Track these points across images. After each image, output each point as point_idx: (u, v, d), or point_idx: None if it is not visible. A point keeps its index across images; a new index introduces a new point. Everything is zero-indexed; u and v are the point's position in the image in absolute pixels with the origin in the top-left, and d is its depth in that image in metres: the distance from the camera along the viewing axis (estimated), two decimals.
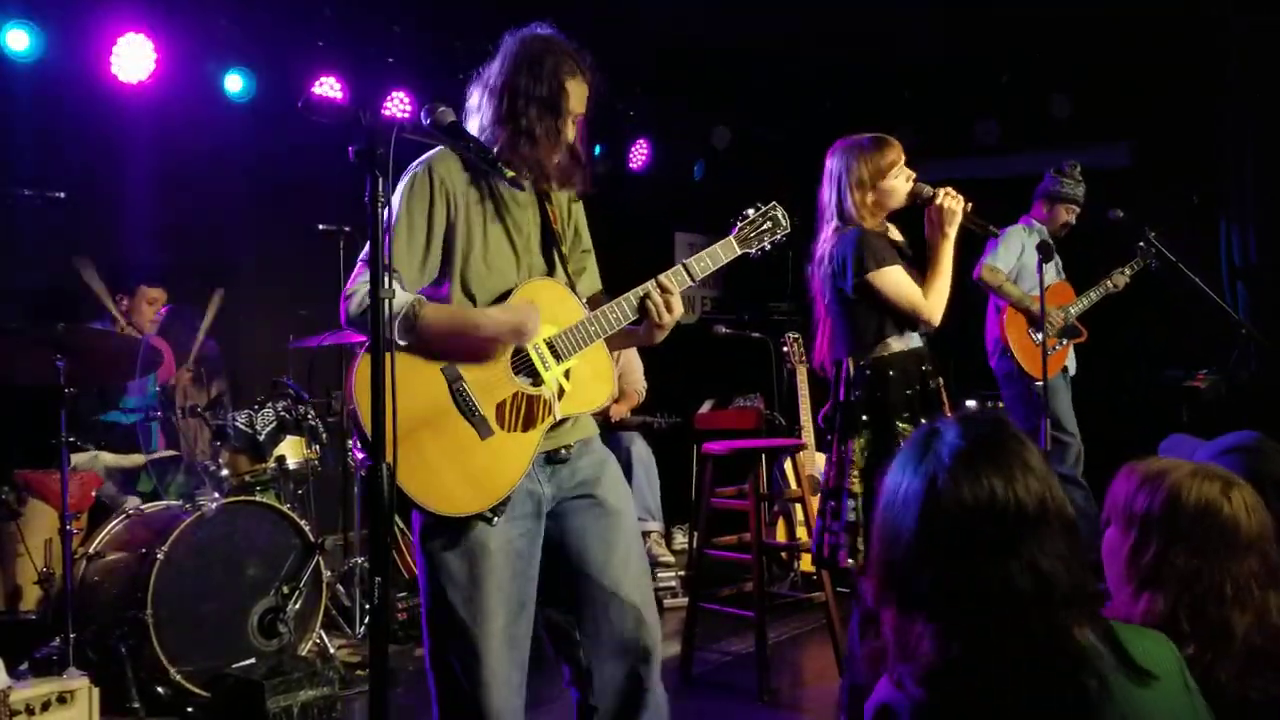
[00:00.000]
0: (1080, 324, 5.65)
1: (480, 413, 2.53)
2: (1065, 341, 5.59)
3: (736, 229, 2.88)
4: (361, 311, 2.46)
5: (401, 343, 2.47)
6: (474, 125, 2.71)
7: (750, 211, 2.90)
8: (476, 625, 2.50)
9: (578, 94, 2.71)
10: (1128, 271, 5.66)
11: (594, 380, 2.68)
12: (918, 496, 1.50)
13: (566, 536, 2.64)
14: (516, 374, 2.58)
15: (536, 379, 2.59)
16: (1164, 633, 1.64)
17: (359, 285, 2.50)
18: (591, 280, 2.87)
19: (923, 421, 3.42)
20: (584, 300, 2.75)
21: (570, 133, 2.70)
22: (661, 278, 2.68)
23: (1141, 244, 5.67)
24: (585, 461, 2.69)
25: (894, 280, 3.45)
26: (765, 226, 2.89)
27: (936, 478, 1.49)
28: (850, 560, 3.43)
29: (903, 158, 3.54)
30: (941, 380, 3.53)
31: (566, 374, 2.63)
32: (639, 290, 2.66)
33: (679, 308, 2.68)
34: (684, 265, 2.75)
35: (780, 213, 2.90)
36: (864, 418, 3.46)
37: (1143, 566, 1.78)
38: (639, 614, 2.64)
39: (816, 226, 3.68)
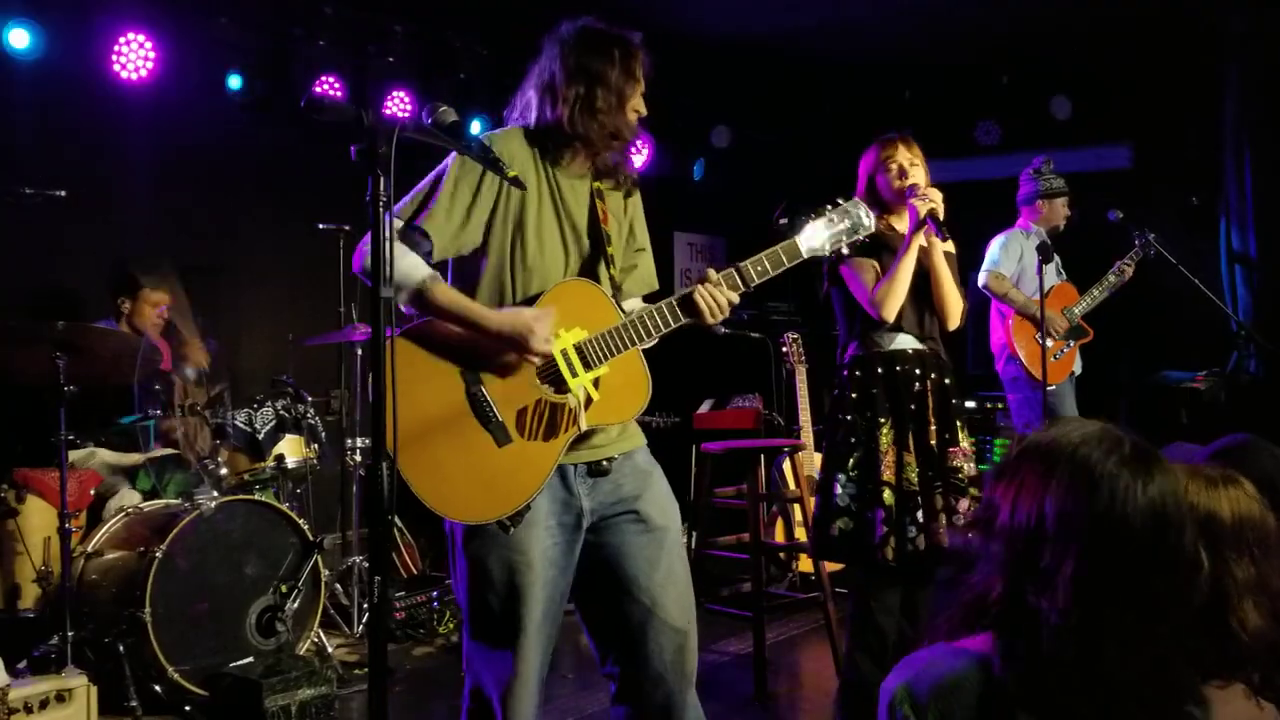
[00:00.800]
0: (1086, 324, 5.62)
1: (498, 419, 2.43)
2: (1072, 344, 5.56)
3: (806, 229, 2.67)
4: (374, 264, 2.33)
5: (402, 308, 2.42)
6: (528, 111, 2.68)
7: (828, 208, 2.71)
8: (515, 636, 2.46)
9: (637, 89, 2.66)
10: (1132, 260, 5.62)
11: (626, 390, 2.53)
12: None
13: (607, 553, 2.56)
14: (541, 380, 2.47)
15: (562, 386, 2.46)
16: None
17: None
18: (641, 279, 2.77)
19: (881, 420, 3.40)
20: (628, 298, 2.67)
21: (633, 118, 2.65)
22: (710, 275, 2.55)
23: (1138, 232, 5.63)
24: (629, 475, 2.58)
25: (852, 273, 3.46)
26: (843, 226, 2.71)
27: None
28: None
29: (896, 151, 3.53)
30: (933, 383, 3.46)
31: (596, 382, 2.49)
32: (680, 294, 2.54)
33: (728, 300, 2.55)
34: (737, 268, 2.59)
35: (862, 210, 2.72)
36: (838, 415, 3.48)
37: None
38: (680, 638, 2.61)
39: None
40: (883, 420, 3.40)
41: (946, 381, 3.48)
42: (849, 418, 3.44)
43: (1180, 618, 1.43)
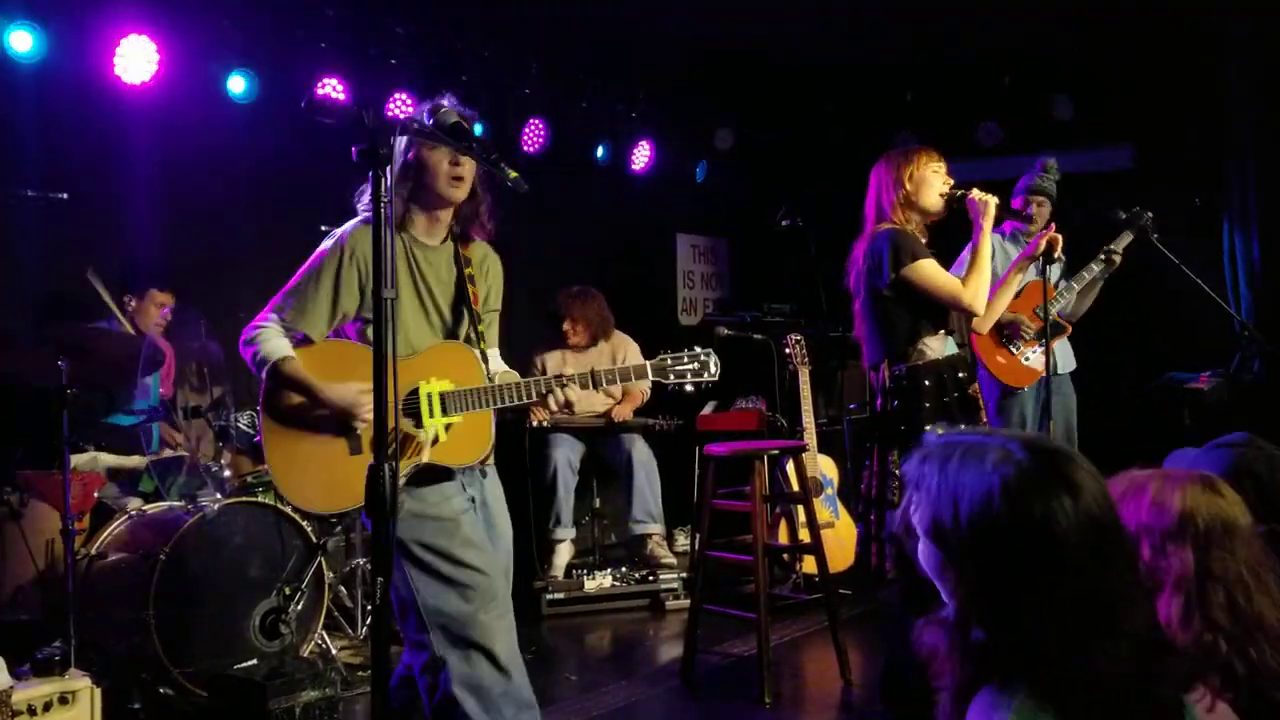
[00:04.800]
0: (1063, 319, 5.33)
1: (357, 432, 2.92)
2: (1043, 344, 5.11)
3: (657, 358, 3.10)
4: (246, 352, 2.95)
5: (262, 378, 2.93)
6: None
7: (684, 351, 3.11)
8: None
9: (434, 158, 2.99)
10: (1120, 245, 5.23)
11: (469, 439, 3.02)
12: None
13: None
14: (405, 414, 2.93)
15: (419, 422, 2.94)
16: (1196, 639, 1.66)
17: (257, 334, 2.95)
18: (490, 336, 3.23)
19: (962, 428, 3.42)
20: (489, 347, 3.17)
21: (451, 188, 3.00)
22: (564, 378, 3.00)
23: (1125, 214, 5.28)
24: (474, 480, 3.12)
25: (929, 272, 3.47)
26: (690, 366, 3.10)
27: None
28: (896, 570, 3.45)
29: (940, 161, 3.58)
30: (976, 385, 3.55)
31: (448, 427, 2.97)
32: (541, 381, 2.99)
33: (575, 399, 3.03)
34: (592, 372, 3.03)
35: (713, 361, 3.11)
36: (901, 428, 3.47)
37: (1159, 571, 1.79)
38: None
39: (860, 230, 3.72)
40: (963, 429, 3.40)
41: (976, 384, 3.56)
42: (927, 428, 3.41)
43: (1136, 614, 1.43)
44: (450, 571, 2.89)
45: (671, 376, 3.09)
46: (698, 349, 3.11)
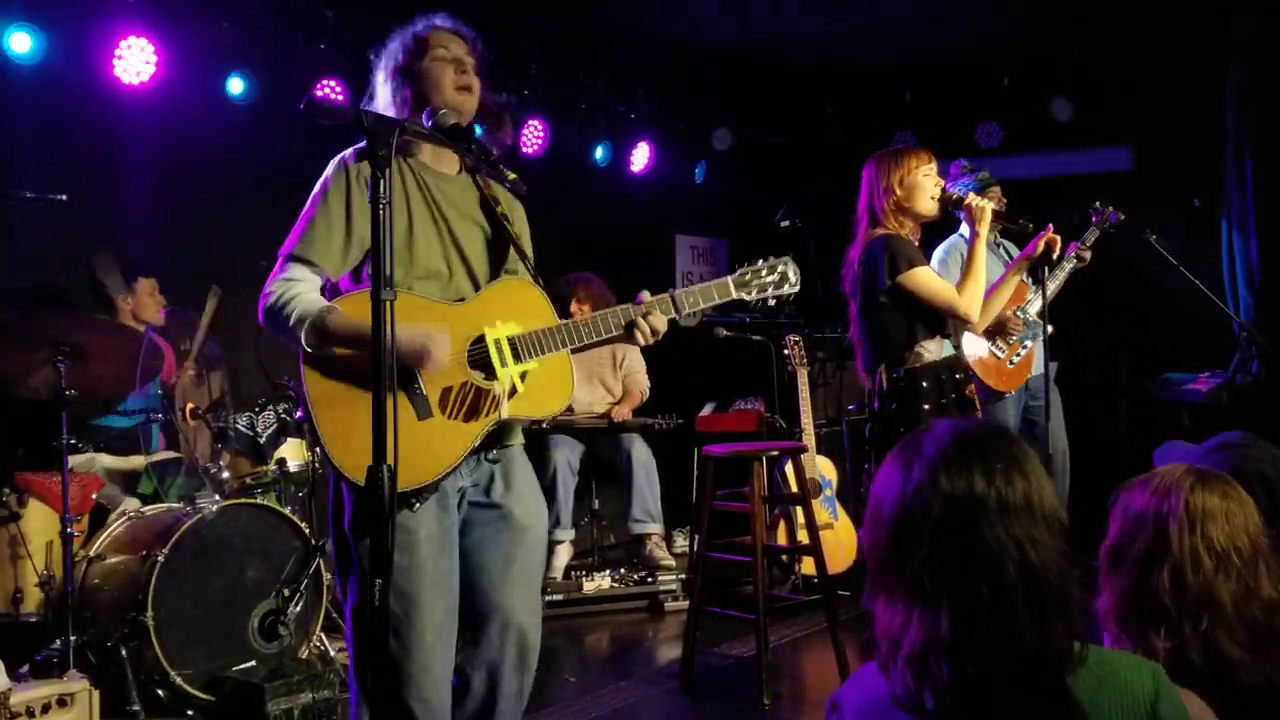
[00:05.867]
0: (1043, 318, 5.38)
1: (422, 391, 2.49)
2: (1029, 344, 5.21)
3: (737, 272, 2.80)
4: (272, 314, 2.51)
5: (308, 349, 2.47)
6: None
7: (760, 261, 2.83)
8: (410, 620, 2.46)
9: (434, 67, 2.68)
10: (1089, 241, 5.22)
11: (550, 388, 2.63)
12: (913, 483, 1.53)
13: (466, 543, 2.63)
14: (471, 365, 2.55)
15: (490, 374, 2.55)
16: (1142, 616, 1.69)
17: (284, 291, 2.53)
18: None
19: None
20: None
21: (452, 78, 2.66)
22: (648, 304, 2.66)
23: (1095, 206, 5.27)
24: (500, 470, 2.68)
25: (925, 280, 3.46)
26: (770, 279, 2.81)
27: (934, 467, 1.52)
28: None
29: (930, 163, 3.57)
30: (972, 386, 3.56)
31: (523, 375, 2.58)
32: (619, 312, 2.65)
33: (662, 328, 2.67)
34: (671, 296, 2.70)
35: (791, 270, 2.83)
36: (900, 430, 3.47)
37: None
38: (521, 635, 2.66)
39: (854, 233, 3.72)
40: None
41: (972, 384, 3.57)
42: (902, 429, 3.44)
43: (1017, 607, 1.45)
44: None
45: (754, 291, 2.79)
46: (772, 258, 2.83)
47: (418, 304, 2.52)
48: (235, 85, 5.58)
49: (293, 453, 4.78)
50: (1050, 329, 5.24)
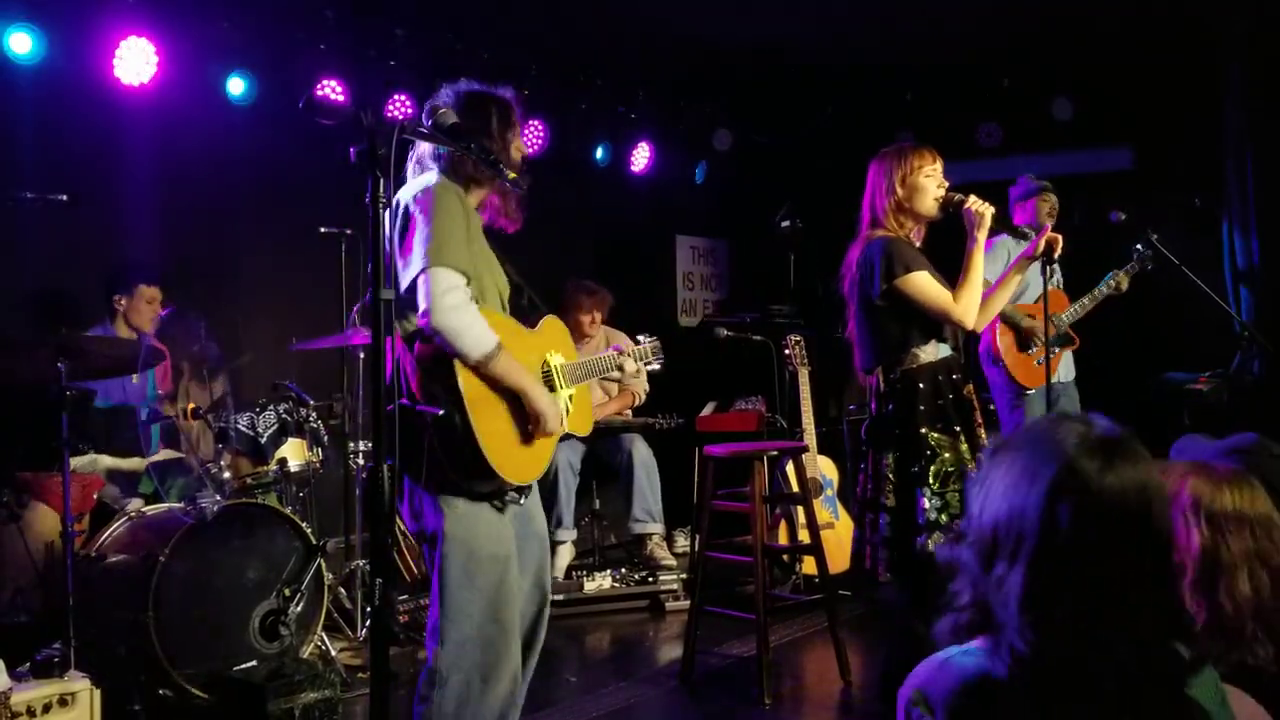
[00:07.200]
0: (1074, 331, 5.58)
1: (529, 429, 2.88)
2: (1057, 350, 5.47)
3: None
4: (482, 340, 2.73)
5: (470, 360, 2.72)
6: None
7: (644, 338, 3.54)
8: (508, 567, 2.86)
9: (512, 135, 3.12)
10: (1126, 274, 5.55)
11: (585, 410, 3.20)
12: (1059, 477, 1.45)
13: None
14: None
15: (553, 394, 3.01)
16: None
17: (466, 309, 2.73)
18: None
19: (956, 429, 3.44)
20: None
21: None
22: (629, 351, 3.43)
23: (1139, 246, 5.57)
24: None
25: (921, 285, 3.45)
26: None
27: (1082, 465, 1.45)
28: (888, 574, 3.44)
29: (934, 163, 3.54)
30: (968, 388, 3.55)
31: (571, 398, 3.08)
32: (606, 359, 3.34)
33: (633, 373, 3.47)
34: (634, 345, 3.47)
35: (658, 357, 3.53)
36: (896, 431, 3.47)
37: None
38: (543, 596, 3.10)
39: (856, 232, 3.70)
40: (958, 429, 3.43)
41: (970, 384, 3.55)
42: (921, 431, 3.44)
43: (1151, 602, 1.42)
44: None
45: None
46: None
47: (510, 326, 2.94)
48: (235, 85, 5.58)
49: (294, 453, 4.78)
50: (1076, 341, 5.45)
